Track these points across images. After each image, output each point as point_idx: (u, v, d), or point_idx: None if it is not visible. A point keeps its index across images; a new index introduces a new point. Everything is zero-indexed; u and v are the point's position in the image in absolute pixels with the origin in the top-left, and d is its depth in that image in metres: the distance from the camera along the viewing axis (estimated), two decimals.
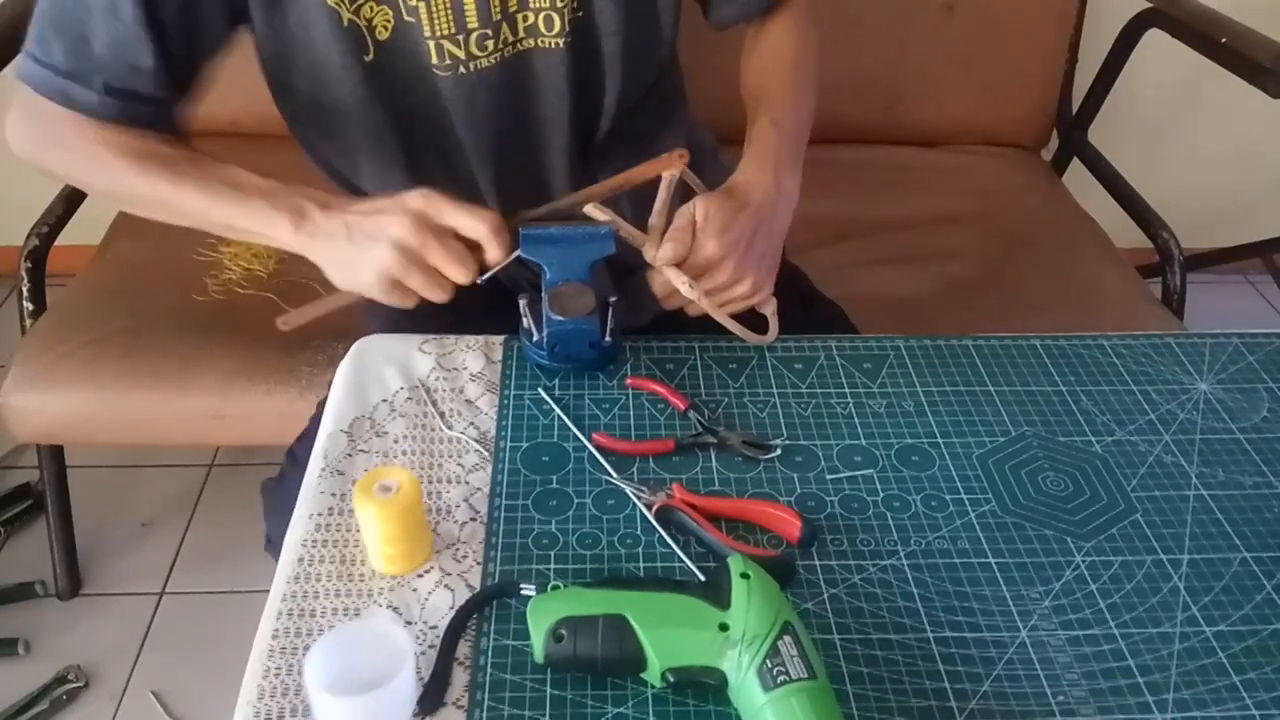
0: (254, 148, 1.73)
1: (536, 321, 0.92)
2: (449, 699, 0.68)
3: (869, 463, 0.87)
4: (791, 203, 0.97)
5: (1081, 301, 1.55)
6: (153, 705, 1.53)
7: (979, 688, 0.70)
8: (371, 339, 0.97)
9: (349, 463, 0.84)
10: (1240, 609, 0.76)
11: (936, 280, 1.58)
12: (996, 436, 0.90)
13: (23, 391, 1.38)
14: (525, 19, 0.94)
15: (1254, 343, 1.02)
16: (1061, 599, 0.76)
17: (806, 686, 0.63)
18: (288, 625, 0.72)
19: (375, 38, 0.91)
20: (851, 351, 0.98)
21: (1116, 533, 0.81)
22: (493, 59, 0.94)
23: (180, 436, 1.44)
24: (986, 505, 0.83)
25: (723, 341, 0.97)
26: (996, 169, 1.86)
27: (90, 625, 1.64)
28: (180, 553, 1.76)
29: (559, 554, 0.78)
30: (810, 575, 0.77)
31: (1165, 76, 2.09)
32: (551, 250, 0.90)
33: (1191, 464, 0.88)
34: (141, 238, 1.57)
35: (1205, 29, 1.58)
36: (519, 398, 0.91)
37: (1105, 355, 0.99)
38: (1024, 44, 1.82)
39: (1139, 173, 1.77)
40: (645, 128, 1.08)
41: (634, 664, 0.67)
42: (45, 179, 1.56)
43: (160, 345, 1.40)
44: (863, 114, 1.84)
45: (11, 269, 1.49)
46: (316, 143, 1.04)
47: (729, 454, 0.87)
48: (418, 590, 0.75)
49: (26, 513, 1.78)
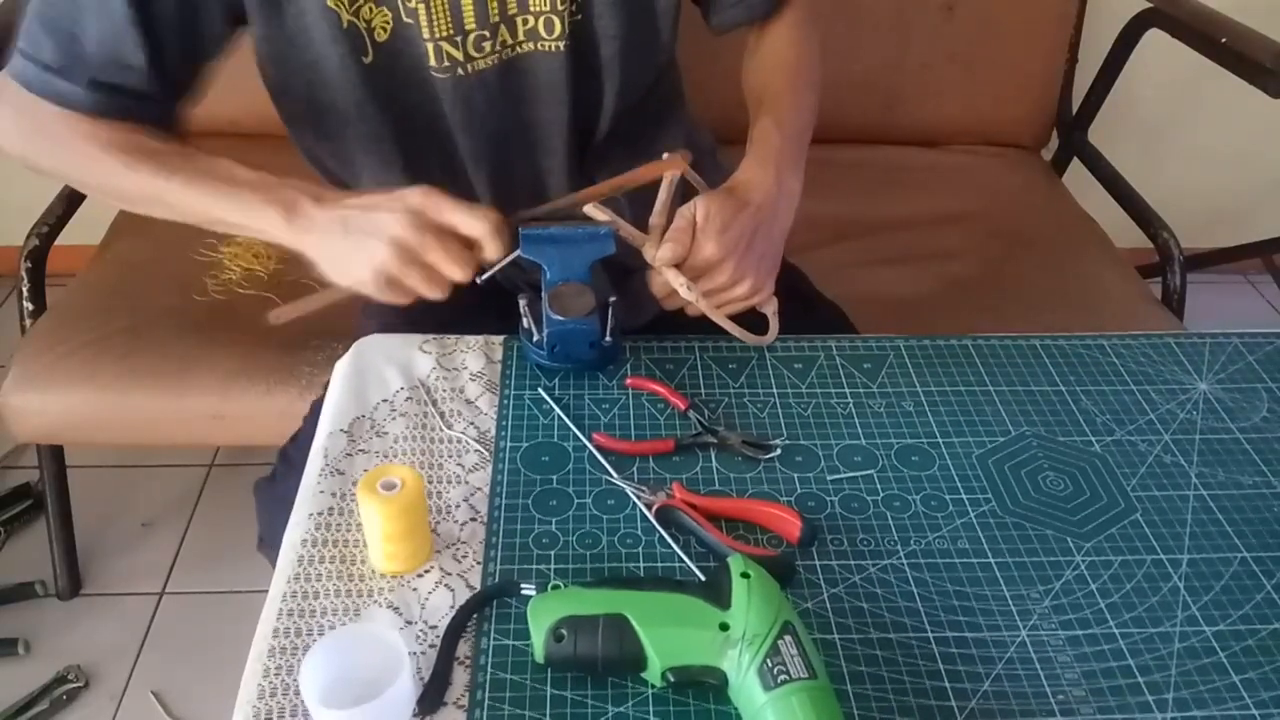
0: (254, 148, 1.73)
1: (536, 321, 0.92)
2: (449, 698, 0.68)
3: (869, 463, 0.87)
4: (793, 202, 0.96)
5: (1081, 301, 1.55)
6: (153, 705, 1.53)
7: (979, 687, 0.70)
8: (371, 339, 0.97)
9: (349, 462, 0.85)
10: (1240, 608, 0.76)
11: (936, 280, 1.58)
12: (996, 436, 0.90)
13: (23, 391, 1.38)
14: (525, 22, 0.94)
15: (1253, 343, 1.02)
16: (1061, 599, 0.76)
17: (807, 686, 0.63)
18: (287, 625, 0.72)
19: (374, 39, 0.91)
20: (851, 351, 0.98)
21: (1116, 532, 0.81)
22: (490, 60, 0.94)
23: (180, 436, 1.44)
24: (986, 505, 0.83)
25: (723, 342, 0.97)
26: (996, 169, 1.86)
27: (90, 625, 1.64)
28: (180, 553, 1.76)
29: (559, 554, 0.78)
30: (810, 575, 0.77)
31: (1165, 76, 2.10)
32: (551, 250, 0.90)
33: (1191, 464, 0.88)
34: (141, 237, 1.57)
35: (1205, 29, 1.58)
36: (519, 398, 0.91)
37: (1105, 355, 0.99)
38: (1024, 44, 1.83)
39: (1139, 173, 1.77)
40: (643, 130, 1.08)
41: (634, 663, 0.67)
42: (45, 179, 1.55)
43: (160, 345, 1.40)
44: (862, 114, 1.84)
45: (11, 269, 1.49)
46: (314, 144, 1.04)
47: (729, 454, 0.87)
48: (418, 590, 0.75)
49: (26, 513, 1.78)
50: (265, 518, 1.05)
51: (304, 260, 0.87)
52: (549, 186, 1.04)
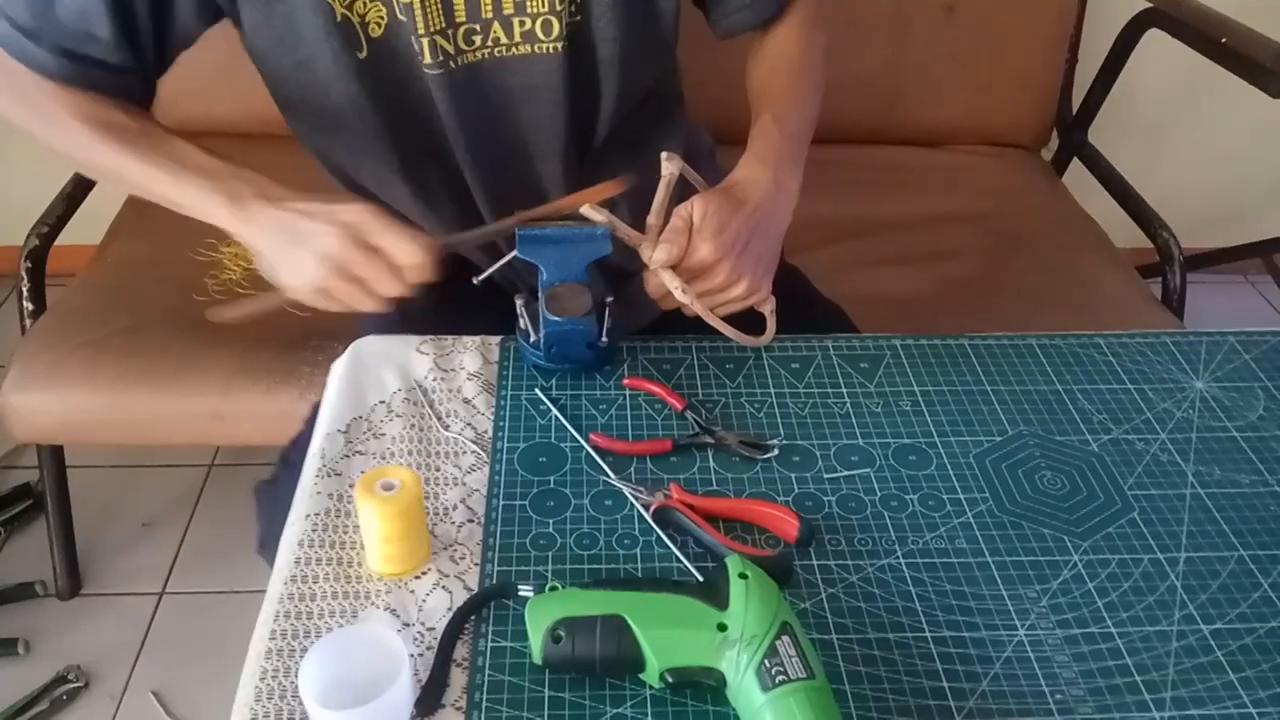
0: (254, 148, 1.73)
1: (533, 322, 0.92)
2: (447, 700, 0.68)
3: (866, 462, 0.87)
4: (791, 202, 0.96)
5: (1081, 302, 1.55)
6: (153, 705, 1.53)
7: (977, 687, 0.70)
8: (368, 340, 0.97)
9: (346, 464, 0.85)
10: (1237, 607, 0.76)
11: (936, 280, 1.58)
12: (993, 435, 0.90)
13: (23, 391, 1.38)
14: (522, 24, 0.93)
15: (1249, 341, 1.02)
16: (1059, 598, 0.76)
17: (805, 686, 0.63)
18: (285, 627, 0.72)
19: (368, 35, 0.91)
20: (848, 351, 0.98)
21: (1113, 531, 0.81)
22: (480, 55, 0.94)
23: (180, 436, 1.44)
24: (984, 504, 0.83)
25: (720, 342, 0.97)
26: (996, 169, 1.86)
27: (90, 625, 1.64)
28: (180, 553, 1.76)
29: (557, 555, 0.78)
30: (808, 575, 0.77)
31: (1165, 76, 2.10)
32: (548, 251, 0.90)
33: (1188, 462, 0.88)
34: (141, 237, 1.58)
35: (1205, 29, 1.58)
36: (516, 398, 0.91)
37: (1101, 354, 0.99)
38: (1024, 44, 1.83)
39: (1139, 173, 1.77)
40: (642, 132, 1.07)
41: (632, 664, 0.67)
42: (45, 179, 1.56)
43: (160, 345, 1.40)
44: (863, 114, 1.84)
45: (11, 269, 1.49)
46: (313, 137, 1.04)
47: (727, 454, 0.87)
48: (415, 592, 0.75)
49: (26, 513, 1.78)
50: (265, 521, 1.05)
51: None
52: (547, 190, 1.04)
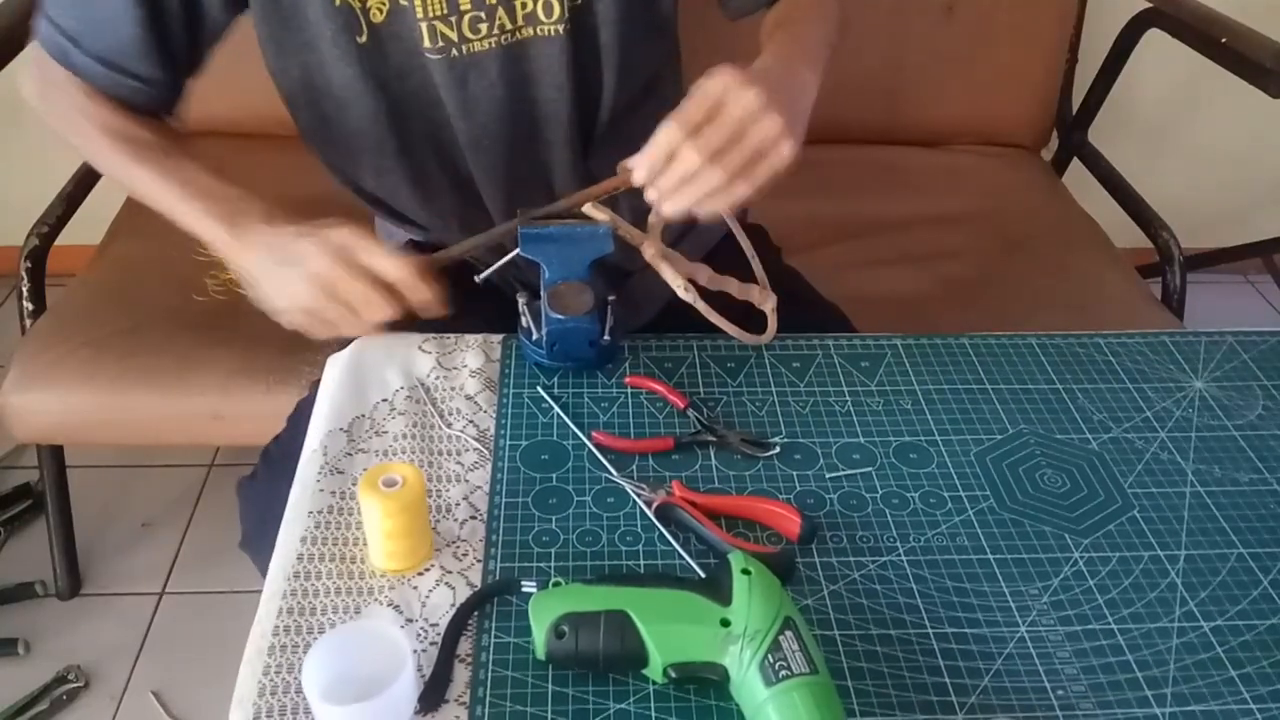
0: (255, 148, 1.74)
1: (536, 320, 0.92)
2: (451, 696, 0.68)
3: (868, 460, 0.87)
4: (809, 90, 0.88)
5: (1081, 301, 1.55)
6: (153, 705, 1.53)
7: (978, 683, 0.70)
8: (371, 338, 0.97)
9: (348, 461, 0.85)
10: (1237, 604, 0.76)
11: (936, 280, 1.58)
12: (994, 434, 0.90)
13: (23, 391, 1.38)
14: (524, 6, 0.93)
15: (1248, 340, 1.02)
16: (1060, 595, 0.76)
17: (808, 681, 0.63)
18: (287, 623, 0.72)
19: (369, 19, 0.91)
20: (849, 350, 0.99)
21: (1114, 529, 0.82)
22: (486, 44, 0.94)
23: (180, 436, 1.44)
24: (985, 502, 0.84)
25: (721, 340, 0.97)
26: (996, 169, 1.86)
27: (90, 625, 1.64)
28: (180, 553, 1.76)
29: (559, 552, 0.78)
30: (810, 572, 0.77)
31: (1165, 76, 2.10)
32: (551, 249, 0.91)
33: (1187, 461, 0.88)
34: (141, 237, 1.57)
35: (1205, 29, 1.59)
36: (518, 396, 0.91)
37: (1101, 353, 0.99)
38: (1024, 44, 1.83)
39: (1139, 173, 1.77)
40: (645, 125, 1.07)
41: (636, 660, 0.67)
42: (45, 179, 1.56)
43: (160, 345, 1.40)
44: (863, 114, 1.84)
45: (11, 269, 1.49)
46: (313, 128, 1.04)
47: (728, 452, 0.87)
48: (418, 588, 0.75)
49: (26, 513, 1.78)
50: (249, 516, 1.05)
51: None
52: (552, 181, 1.04)
